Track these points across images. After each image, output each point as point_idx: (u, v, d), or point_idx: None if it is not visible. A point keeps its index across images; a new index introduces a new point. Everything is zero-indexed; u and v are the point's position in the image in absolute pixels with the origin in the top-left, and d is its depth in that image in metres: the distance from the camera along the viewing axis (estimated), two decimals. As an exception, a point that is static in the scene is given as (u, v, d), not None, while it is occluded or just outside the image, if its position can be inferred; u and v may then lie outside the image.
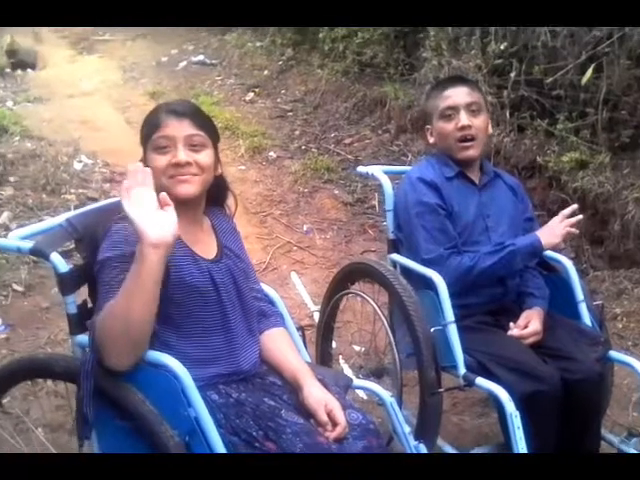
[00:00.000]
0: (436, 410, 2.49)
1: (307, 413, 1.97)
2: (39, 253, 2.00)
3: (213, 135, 2.12)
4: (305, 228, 5.32)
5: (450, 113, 2.69)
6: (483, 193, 2.76)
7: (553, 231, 2.58)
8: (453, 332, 2.47)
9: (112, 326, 1.79)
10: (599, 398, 2.50)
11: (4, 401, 2.96)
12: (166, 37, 10.97)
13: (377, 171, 2.91)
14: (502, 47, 5.51)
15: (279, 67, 8.63)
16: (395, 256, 2.81)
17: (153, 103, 7.91)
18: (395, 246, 2.84)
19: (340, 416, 1.93)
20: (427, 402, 2.45)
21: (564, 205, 4.85)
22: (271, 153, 6.56)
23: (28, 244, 2.03)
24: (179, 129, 2.01)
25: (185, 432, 1.82)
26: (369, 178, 3.01)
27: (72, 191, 5.68)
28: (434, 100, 2.76)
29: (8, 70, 9.63)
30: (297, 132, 7.01)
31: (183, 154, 2.00)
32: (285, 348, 2.18)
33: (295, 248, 5.04)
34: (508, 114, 5.63)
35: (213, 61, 9.52)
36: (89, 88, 8.80)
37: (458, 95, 2.69)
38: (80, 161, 6.41)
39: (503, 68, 5.70)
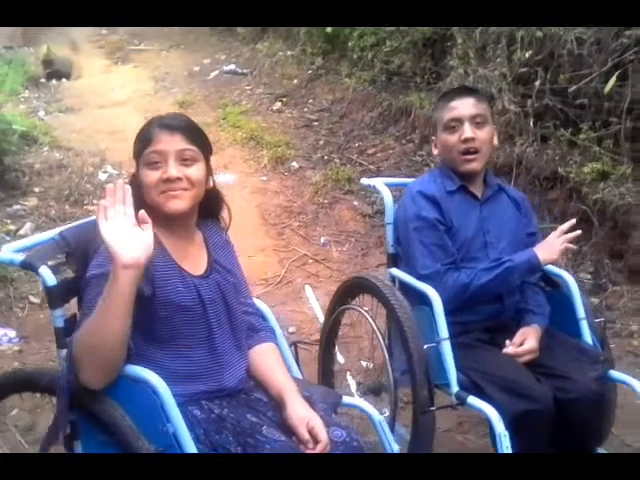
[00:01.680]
0: (428, 428, 2.46)
1: (290, 430, 1.96)
2: (29, 266, 2.02)
3: (205, 149, 2.11)
4: (322, 240, 5.30)
5: (454, 125, 2.64)
6: (484, 207, 2.71)
7: (551, 247, 2.53)
8: (447, 349, 2.44)
9: (85, 344, 1.81)
10: (596, 418, 2.44)
11: (13, 413, 3.02)
12: (199, 47, 11.11)
13: (379, 183, 2.89)
14: (527, 55, 5.42)
15: (308, 76, 8.63)
16: (394, 270, 2.78)
17: (182, 112, 7.99)
18: (394, 260, 2.81)
19: (321, 433, 1.92)
20: (419, 420, 2.42)
21: (584, 217, 4.80)
22: (293, 163, 6.57)
23: (20, 257, 2.05)
24: (171, 144, 2.01)
25: (163, 447, 1.83)
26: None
27: (95, 202, 5.73)
28: (440, 111, 2.73)
29: (43, 80, 9.79)
30: (321, 142, 7.00)
31: (174, 170, 1.99)
32: (272, 364, 2.17)
33: (311, 261, 5.03)
34: (532, 123, 5.53)
35: (244, 70, 9.57)
36: (121, 98, 8.91)
37: (463, 107, 2.64)
38: (105, 172, 6.49)
39: (528, 77, 5.61)
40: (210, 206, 2.21)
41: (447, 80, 6.44)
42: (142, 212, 1.84)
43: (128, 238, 1.79)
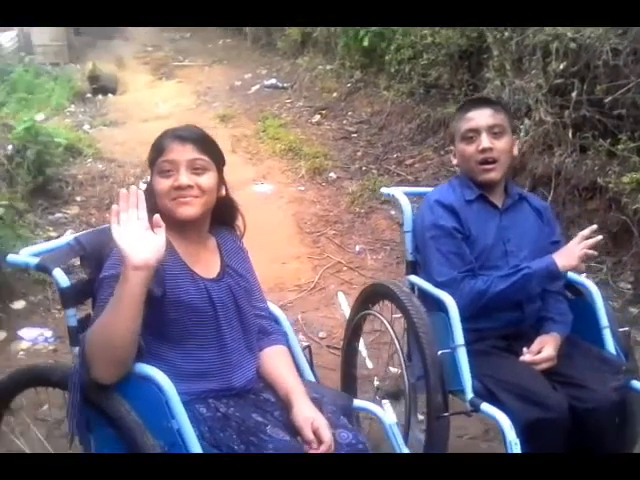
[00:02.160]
0: (442, 434, 2.44)
1: (296, 430, 1.99)
2: (44, 269, 2.10)
3: (217, 159, 2.18)
4: (357, 248, 5.32)
5: (472, 135, 2.64)
6: (504, 217, 2.70)
7: (570, 253, 2.51)
8: (462, 356, 2.43)
9: (96, 341, 1.88)
10: (614, 429, 2.39)
11: (43, 408, 3.09)
12: (241, 62, 11.30)
13: (398, 192, 2.90)
14: (561, 66, 5.39)
15: (347, 89, 8.70)
16: (413, 277, 2.78)
17: (222, 126, 8.16)
18: (413, 267, 2.82)
19: (325, 434, 1.94)
20: (433, 425, 2.42)
21: (624, 227, 4.75)
22: (331, 174, 6.61)
23: (35, 260, 2.13)
24: (182, 153, 2.08)
25: (168, 443, 1.88)
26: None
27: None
28: (458, 122, 2.73)
29: (89, 95, 10.03)
30: (359, 153, 7.05)
31: (185, 177, 2.06)
32: (282, 366, 2.21)
33: (345, 268, 5.04)
34: (570, 134, 5.49)
35: (285, 84, 9.69)
36: (164, 112, 9.09)
37: (480, 117, 2.64)
38: (145, 182, 6.56)
39: (565, 88, 5.58)
40: (224, 214, 2.29)
41: (484, 92, 6.44)
42: (157, 216, 1.92)
43: (139, 241, 1.86)
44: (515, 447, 2.18)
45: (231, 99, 9.37)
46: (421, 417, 2.69)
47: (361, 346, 2.81)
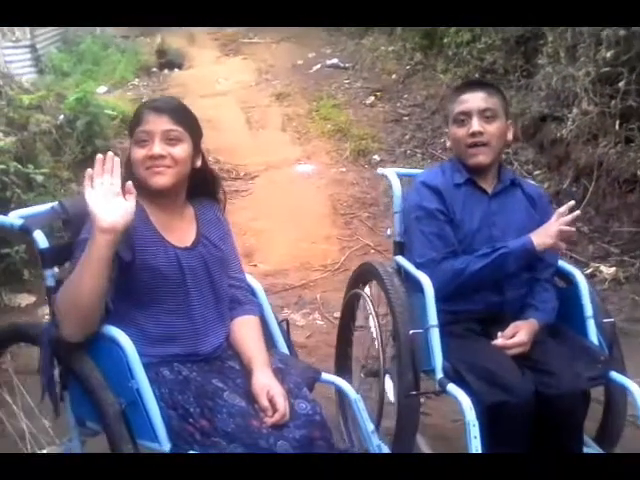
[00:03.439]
0: (412, 412, 2.45)
1: (254, 398, 2.05)
2: (26, 229, 2.20)
3: (192, 130, 2.22)
4: (388, 232, 5.28)
5: (463, 118, 2.61)
6: (493, 202, 2.66)
7: (547, 231, 2.47)
8: (435, 336, 2.42)
9: (64, 300, 1.98)
10: (579, 418, 2.37)
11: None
12: (309, 40, 11.28)
13: (390, 173, 2.89)
14: (608, 55, 5.22)
15: (406, 71, 8.64)
16: (399, 258, 2.75)
17: (277, 104, 8.19)
18: (401, 248, 2.81)
19: (280, 403, 2.00)
20: (402, 404, 2.43)
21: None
22: (375, 156, 6.61)
23: (19, 222, 2.23)
24: (157, 124, 2.14)
25: (127, 401, 1.97)
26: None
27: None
28: (451, 104, 2.70)
29: (155, 69, 10.22)
30: (407, 136, 7.01)
31: (158, 147, 2.12)
32: (248, 335, 2.26)
33: (372, 251, 5.05)
34: (617, 125, 5.33)
35: (346, 65, 9.66)
36: (223, 89, 9.19)
37: (473, 100, 2.61)
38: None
39: (615, 77, 5.41)
40: (203, 185, 2.34)
41: (536, 78, 6.31)
42: (129, 183, 1.99)
43: (109, 205, 1.94)
44: (473, 428, 2.19)
45: (291, 77, 9.40)
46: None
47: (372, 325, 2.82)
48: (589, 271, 4.54)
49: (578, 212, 2.49)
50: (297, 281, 4.64)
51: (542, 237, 2.48)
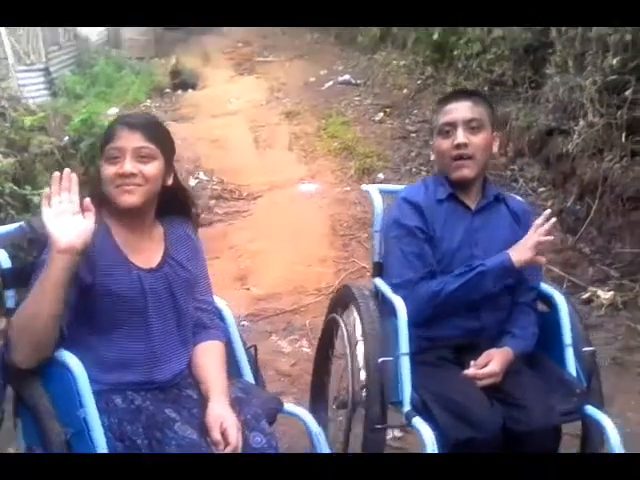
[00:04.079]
0: (377, 446, 2.34)
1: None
2: None
3: (165, 148, 2.16)
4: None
5: (448, 129, 2.50)
6: (476, 218, 2.54)
7: (524, 245, 2.37)
8: (404, 365, 2.31)
9: (18, 323, 1.92)
10: (550, 452, 2.26)
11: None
12: (322, 57, 11.28)
13: (373, 189, 2.80)
14: (615, 61, 5.07)
15: (417, 86, 8.57)
16: (377, 280, 2.64)
17: (286, 123, 8.14)
18: (379, 269, 2.69)
19: (232, 436, 1.92)
20: (367, 437, 2.32)
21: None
22: (380, 175, 6.51)
23: None
24: (129, 141, 2.08)
25: (75, 430, 1.89)
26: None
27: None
28: (436, 115, 2.60)
29: (168, 90, 10.25)
30: (413, 154, 6.92)
31: (129, 165, 2.06)
32: (209, 362, 2.18)
33: (368, 273, 4.91)
34: (624, 137, 5.16)
35: (358, 81, 9.62)
36: (234, 108, 9.18)
37: (458, 110, 2.50)
38: (197, 177, 6.69)
39: (623, 85, 5.24)
40: (175, 203, 2.26)
41: (544, 89, 6.19)
42: (87, 200, 1.93)
43: (67, 224, 1.89)
44: None
45: (302, 95, 9.37)
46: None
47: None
48: (586, 296, 4.39)
49: (554, 219, 2.39)
50: (289, 305, 4.54)
51: (520, 252, 2.37)
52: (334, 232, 5.51)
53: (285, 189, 6.44)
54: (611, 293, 4.31)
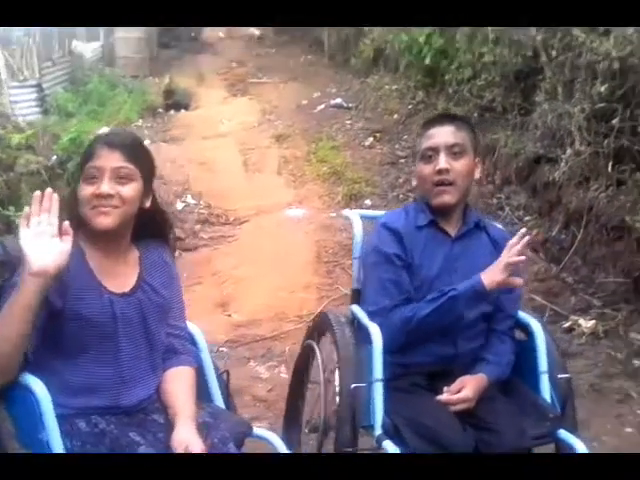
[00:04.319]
0: (346, 470, 2.34)
1: None
2: None
3: (145, 169, 2.12)
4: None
5: (430, 154, 2.49)
6: (456, 245, 2.54)
7: (496, 267, 2.34)
8: (377, 391, 2.32)
9: None
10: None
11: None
12: (315, 79, 11.33)
13: (353, 215, 2.81)
14: (603, 89, 5.06)
15: (408, 111, 8.57)
16: (354, 307, 2.64)
17: (276, 146, 8.15)
18: (357, 297, 2.70)
19: None
20: (337, 460, 2.35)
21: (646, 273, 4.41)
22: (367, 201, 6.50)
23: None
24: (108, 160, 2.04)
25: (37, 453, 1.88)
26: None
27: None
28: (420, 139, 2.59)
29: (160, 110, 10.25)
30: (401, 180, 6.91)
31: (107, 186, 2.02)
32: (177, 388, 2.15)
33: (351, 301, 4.90)
34: (610, 166, 5.15)
35: (350, 104, 9.65)
36: (225, 130, 9.18)
37: (440, 135, 2.49)
38: (184, 201, 6.67)
39: (611, 113, 5.23)
40: (152, 226, 2.22)
41: (533, 116, 6.19)
42: (65, 223, 1.90)
43: (43, 247, 1.86)
44: None
45: (294, 118, 9.38)
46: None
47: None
48: (568, 324, 4.37)
49: (528, 238, 2.35)
50: (269, 332, 4.52)
51: (491, 274, 2.34)
52: (319, 259, 5.49)
53: (272, 214, 6.43)
54: (593, 322, 4.30)
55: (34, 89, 9.99)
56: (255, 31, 15.93)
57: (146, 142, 8.42)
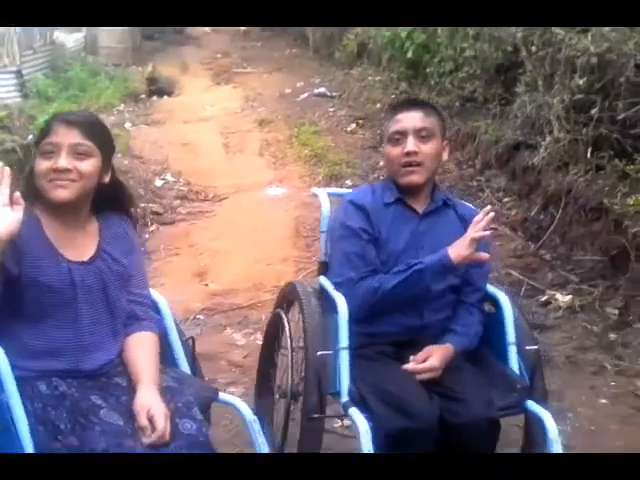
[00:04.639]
0: (314, 435, 2.37)
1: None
2: None
3: (103, 146, 2.16)
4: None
5: (398, 137, 2.52)
6: (423, 222, 2.57)
7: (462, 242, 2.36)
8: (343, 359, 2.35)
9: None
10: (487, 445, 2.27)
11: None
12: (300, 70, 11.35)
13: (321, 192, 2.87)
14: (581, 82, 5.13)
15: (391, 100, 8.57)
16: (321, 278, 2.71)
17: (258, 130, 8.14)
18: (325, 268, 2.75)
19: (159, 422, 1.92)
20: (305, 426, 2.36)
21: (623, 253, 4.46)
22: (348, 181, 6.51)
23: None
24: (66, 137, 2.08)
25: None
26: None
27: (142, 205, 5.84)
28: (387, 123, 2.63)
29: (143, 96, 10.22)
30: (381, 163, 6.89)
31: (64, 161, 2.06)
32: (139, 352, 2.19)
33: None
34: (589, 153, 5.22)
35: (333, 93, 9.67)
36: (207, 114, 9.16)
37: (408, 120, 2.53)
38: (163, 179, 6.65)
39: (590, 104, 5.31)
40: (112, 200, 2.28)
41: (513, 106, 6.25)
42: (16, 194, 1.93)
43: None
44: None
45: (276, 105, 9.39)
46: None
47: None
48: (544, 298, 4.40)
49: (493, 214, 2.37)
50: (246, 301, 4.52)
51: (458, 249, 2.36)
52: (297, 233, 5.50)
53: (252, 192, 6.43)
54: (569, 297, 4.34)
55: (13, 75, 9.93)
56: (241, 26, 15.96)
57: (127, 125, 8.51)
